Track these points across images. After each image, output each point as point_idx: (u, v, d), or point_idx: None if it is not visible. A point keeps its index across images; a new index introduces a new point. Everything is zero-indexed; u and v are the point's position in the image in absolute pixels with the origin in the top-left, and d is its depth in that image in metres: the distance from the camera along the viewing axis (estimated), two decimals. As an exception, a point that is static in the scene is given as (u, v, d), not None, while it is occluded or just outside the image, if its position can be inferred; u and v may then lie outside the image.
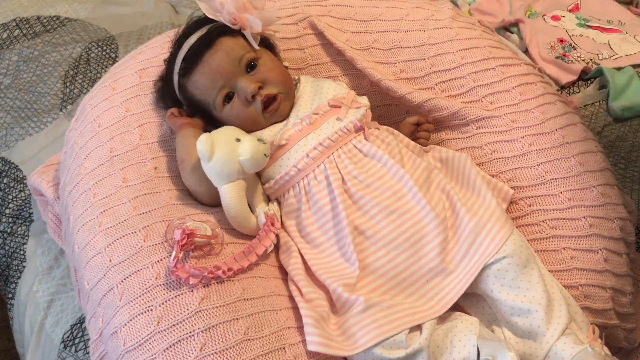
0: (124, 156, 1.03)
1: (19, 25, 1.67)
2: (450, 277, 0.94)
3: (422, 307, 0.92)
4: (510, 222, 0.97)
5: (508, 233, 0.94)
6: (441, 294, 0.94)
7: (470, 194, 1.03)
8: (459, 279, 0.94)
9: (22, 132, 1.46)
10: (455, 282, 0.94)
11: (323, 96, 1.07)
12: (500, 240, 0.93)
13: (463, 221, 0.97)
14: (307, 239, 0.99)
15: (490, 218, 0.96)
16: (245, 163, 0.94)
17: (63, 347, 1.10)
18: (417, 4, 1.26)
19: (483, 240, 0.94)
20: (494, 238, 0.94)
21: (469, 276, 0.93)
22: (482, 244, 0.94)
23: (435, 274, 0.94)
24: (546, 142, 1.09)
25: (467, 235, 0.95)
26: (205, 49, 1.02)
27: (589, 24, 1.86)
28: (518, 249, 0.93)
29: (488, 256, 0.92)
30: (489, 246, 0.93)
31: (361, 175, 0.99)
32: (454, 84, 1.18)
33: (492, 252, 0.93)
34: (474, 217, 0.97)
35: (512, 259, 0.92)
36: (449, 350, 0.88)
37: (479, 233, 0.95)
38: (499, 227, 0.95)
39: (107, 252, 0.91)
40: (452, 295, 0.93)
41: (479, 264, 0.93)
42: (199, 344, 0.81)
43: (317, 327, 0.87)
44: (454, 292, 0.93)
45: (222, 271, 0.88)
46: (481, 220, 0.96)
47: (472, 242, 0.95)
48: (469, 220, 0.96)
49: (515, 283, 0.92)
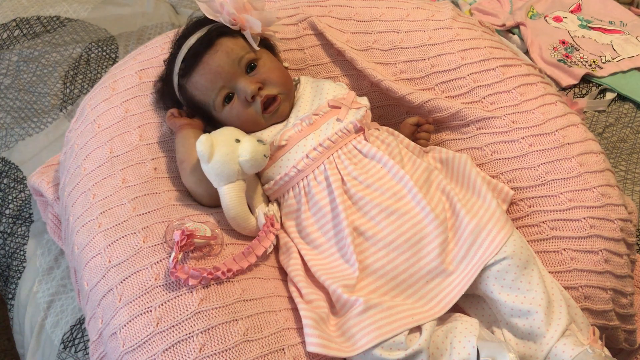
0: (123, 157, 1.03)
1: (19, 25, 1.67)
2: (450, 278, 0.94)
3: (422, 308, 0.92)
4: (510, 223, 0.97)
5: (508, 234, 0.94)
6: (441, 294, 0.93)
7: (471, 195, 1.03)
8: (459, 280, 0.93)
9: (22, 133, 1.46)
10: (455, 283, 0.93)
11: (323, 97, 1.07)
12: (500, 242, 0.93)
13: (463, 222, 0.97)
14: (306, 240, 0.99)
15: (490, 219, 0.96)
16: (245, 164, 0.94)
17: (63, 348, 1.10)
18: (418, 5, 1.26)
19: (483, 242, 0.94)
20: (494, 239, 0.94)
21: (469, 277, 0.92)
22: (482, 245, 0.94)
23: (435, 275, 0.94)
24: (546, 143, 1.09)
25: (467, 236, 0.95)
26: (205, 49, 1.02)
27: (590, 25, 1.86)
28: (518, 250, 0.93)
29: (488, 257, 0.92)
30: (489, 247, 0.93)
31: (361, 176, 0.99)
32: (454, 84, 1.18)
33: (492, 253, 0.92)
34: (474, 218, 0.96)
35: (512, 260, 0.92)
36: (448, 351, 0.87)
37: (479, 234, 0.95)
38: (499, 228, 0.95)
39: (106, 253, 0.90)
40: (452, 296, 0.93)
41: (478, 265, 0.92)
42: (199, 345, 0.81)
43: (316, 328, 0.86)
44: (454, 292, 0.93)
45: (221, 272, 0.88)
46: (481, 221, 0.96)
47: (472, 243, 0.95)
48: (469, 221, 0.96)
49: (515, 284, 0.91)
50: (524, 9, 1.87)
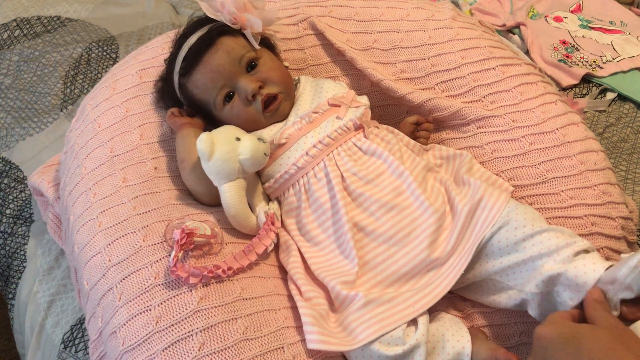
0: (124, 156, 1.03)
1: (19, 25, 1.67)
2: (448, 262, 0.94)
3: (424, 290, 0.91)
4: (504, 195, 0.96)
5: (503, 205, 0.93)
6: (440, 278, 0.93)
7: (463, 186, 1.02)
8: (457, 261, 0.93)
9: (22, 133, 1.46)
10: (454, 265, 0.93)
11: (323, 95, 1.07)
12: (496, 213, 0.93)
13: (458, 209, 0.96)
14: (306, 237, 0.99)
15: (482, 196, 0.96)
16: (245, 162, 0.94)
17: (63, 348, 1.10)
18: (418, 4, 1.26)
19: (478, 220, 0.94)
20: (489, 214, 0.93)
21: (467, 256, 0.92)
22: (478, 223, 0.94)
23: (434, 266, 0.94)
24: (547, 141, 1.09)
25: (463, 221, 0.95)
26: (206, 48, 1.02)
27: (591, 25, 1.86)
28: (514, 215, 0.92)
29: (484, 230, 0.92)
30: (484, 222, 0.93)
31: (361, 172, 0.99)
32: (454, 83, 1.18)
33: (488, 226, 0.92)
34: (467, 203, 0.96)
35: (508, 225, 0.91)
36: (441, 344, 0.88)
37: (474, 214, 0.95)
38: (492, 203, 0.94)
39: (106, 252, 0.90)
40: (453, 275, 0.92)
41: (476, 241, 0.92)
42: (198, 344, 0.81)
43: (316, 325, 0.86)
44: (454, 272, 0.92)
45: (222, 270, 0.87)
46: (474, 202, 0.96)
47: (468, 226, 0.95)
48: (462, 207, 0.96)
49: (519, 245, 0.90)
50: (524, 9, 1.87)
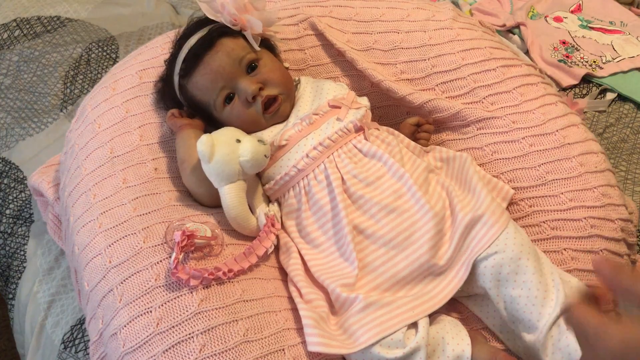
0: (124, 157, 1.03)
1: (19, 25, 1.67)
2: (447, 272, 0.94)
3: (422, 297, 0.92)
4: (505, 216, 0.96)
5: (501, 228, 0.93)
6: (438, 288, 0.93)
7: (467, 193, 1.03)
8: (455, 274, 0.93)
9: (22, 133, 1.46)
10: (451, 278, 0.93)
11: (323, 97, 1.07)
12: (493, 235, 0.93)
13: (458, 218, 0.96)
14: (306, 239, 0.99)
15: (484, 213, 0.96)
16: (245, 164, 0.94)
17: (63, 348, 1.10)
18: (418, 5, 1.26)
19: (475, 236, 0.94)
20: (486, 233, 0.93)
21: (464, 271, 0.92)
22: (475, 238, 0.94)
23: (433, 271, 0.94)
24: (547, 143, 1.09)
25: (462, 231, 0.95)
26: (206, 49, 1.02)
27: (591, 25, 1.86)
28: (511, 243, 0.92)
29: (479, 251, 0.92)
30: (480, 241, 0.93)
31: (361, 175, 0.99)
32: (454, 84, 1.18)
33: (484, 247, 0.92)
34: (468, 213, 0.96)
35: (504, 253, 0.91)
36: (441, 347, 0.87)
37: (472, 228, 0.95)
38: (492, 222, 0.94)
39: (107, 254, 0.90)
40: (449, 290, 0.92)
41: (470, 258, 0.92)
42: (199, 346, 0.81)
43: (316, 327, 0.86)
44: (450, 286, 0.92)
45: (222, 272, 0.88)
46: (475, 216, 0.96)
47: (466, 238, 0.95)
48: (463, 217, 0.96)
49: (511, 277, 0.90)
50: (524, 9, 1.87)
